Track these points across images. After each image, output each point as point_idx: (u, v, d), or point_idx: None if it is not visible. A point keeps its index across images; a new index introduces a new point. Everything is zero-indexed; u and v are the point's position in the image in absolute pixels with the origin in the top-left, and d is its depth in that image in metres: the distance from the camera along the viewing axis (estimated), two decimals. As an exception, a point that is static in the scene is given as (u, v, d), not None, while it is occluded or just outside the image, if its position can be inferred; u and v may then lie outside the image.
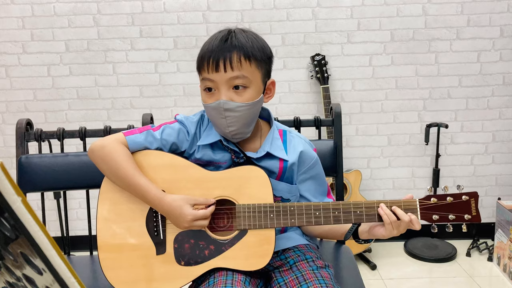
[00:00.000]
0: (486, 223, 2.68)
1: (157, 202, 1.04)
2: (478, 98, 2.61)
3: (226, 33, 1.08)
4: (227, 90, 1.04)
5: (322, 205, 1.05)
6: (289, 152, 1.15)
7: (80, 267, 1.41)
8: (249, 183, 1.07)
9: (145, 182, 1.05)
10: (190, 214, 1.02)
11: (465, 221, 1.05)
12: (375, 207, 1.04)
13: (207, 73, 1.05)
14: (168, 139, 1.12)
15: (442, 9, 2.52)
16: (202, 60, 1.06)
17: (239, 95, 1.05)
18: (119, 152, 1.07)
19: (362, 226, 1.08)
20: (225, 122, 1.06)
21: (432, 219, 1.05)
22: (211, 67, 1.04)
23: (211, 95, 1.06)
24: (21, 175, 1.40)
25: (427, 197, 1.05)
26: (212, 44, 1.06)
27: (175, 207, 1.03)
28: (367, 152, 2.68)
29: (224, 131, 1.08)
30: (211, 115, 1.08)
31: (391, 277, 2.35)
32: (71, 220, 2.66)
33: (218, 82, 1.04)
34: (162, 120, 2.63)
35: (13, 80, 2.58)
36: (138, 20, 2.53)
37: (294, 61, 2.58)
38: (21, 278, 0.48)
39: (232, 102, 1.04)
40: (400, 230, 1.03)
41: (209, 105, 1.06)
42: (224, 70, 1.03)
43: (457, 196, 1.05)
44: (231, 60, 1.03)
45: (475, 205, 1.05)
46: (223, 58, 1.03)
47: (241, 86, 1.05)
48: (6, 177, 0.39)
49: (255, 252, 1.04)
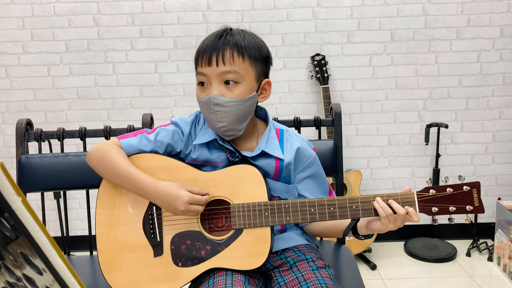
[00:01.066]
0: (486, 223, 2.68)
1: (151, 189, 1.04)
2: (478, 98, 2.62)
3: (223, 30, 1.10)
4: (218, 84, 1.06)
5: (317, 202, 1.04)
6: (286, 151, 1.15)
7: (80, 267, 1.41)
8: (244, 182, 1.07)
9: (138, 172, 1.06)
10: (187, 195, 1.02)
11: (467, 212, 0.99)
12: (371, 201, 1.01)
13: (200, 67, 1.07)
14: (163, 141, 1.13)
15: (442, 9, 2.52)
16: (197, 55, 1.09)
17: (229, 91, 1.06)
18: (113, 151, 1.09)
19: (361, 221, 1.07)
20: (215, 117, 1.06)
21: (432, 212, 1.00)
22: (204, 61, 1.06)
23: (204, 89, 1.08)
24: (21, 175, 1.40)
25: (425, 189, 1.01)
26: (208, 40, 1.08)
27: (171, 190, 1.03)
28: (367, 152, 2.68)
29: (214, 127, 1.09)
30: (202, 109, 1.10)
31: (391, 277, 2.35)
32: (71, 220, 2.66)
33: (210, 76, 1.06)
34: (162, 120, 2.64)
35: (13, 80, 2.58)
36: (138, 20, 2.53)
37: (294, 61, 2.58)
38: (21, 278, 0.48)
39: (221, 97, 1.04)
40: (397, 224, 1.00)
41: (200, 99, 1.08)
42: (216, 64, 1.04)
43: (457, 187, 1.00)
44: (224, 55, 1.05)
45: (477, 195, 0.99)
46: (215, 53, 1.05)
47: (232, 81, 1.05)
48: (6, 177, 0.39)
49: (251, 251, 1.04)
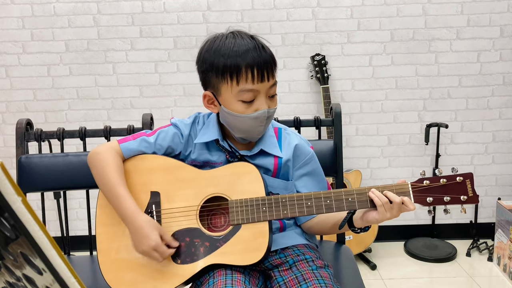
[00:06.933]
0: (486, 223, 2.68)
1: (130, 215, 1.04)
2: (478, 98, 2.62)
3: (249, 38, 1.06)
4: (266, 98, 1.06)
5: (313, 195, 1.05)
6: (284, 149, 1.16)
7: (80, 267, 1.41)
8: (241, 179, 1.08)
9: (126, 194, 1.06)
10: (155, 241, 1.01)
11: (462, 202, 1.02)
12: (366, 193, 1.02)
13: (251, 84, 1.03)
14: (163, 144, 1.14)
15: (442, 9, 2.52)
16: (239, 69, 1.02)
17: (272, 101, 1.08)
18: (110, 160, 1.09)
19: (356, 214, 1.07)
20: (262, 129, 1.09)
21: (427, 202, 1.02)
22: (256, 77, 1.03)
23: (249, 105, 1.05)
24: (21, 175, 1.40)
25: (419, 180, 1.03)
26: (245, 52, 1.03)
27: (145, 226, 1.03)
28: (367, 152, 2.68)
29: (254, 137, 1.12)
30: (247, 124, 1.07)
31: (391, 277, 2.35)
32: (71, 220, 2.66)
33: (260, 91, 1.05)
34: (162, 120, 2.64)
35: (13, 80, 2.58)
36: (138, 20, 2.53)
37: (294, 61, 2.58)
38: (21, 278, 0.48)
39: (271, 110, 1.07)
40: (393, 213, 1.00)
41: (248, 115, 1.05)
42: (268, 79, 1.04)
43: (451, 178, 1.03)
44: (272, 69, 1.06)
45: (471, 186, 1.02)
46: (266, 68, 1.04)
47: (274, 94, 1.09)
48: (6, 177, 0.39)
49: (250, 246, 1.05)
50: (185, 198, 1.10)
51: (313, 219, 1.19)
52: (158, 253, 1.02)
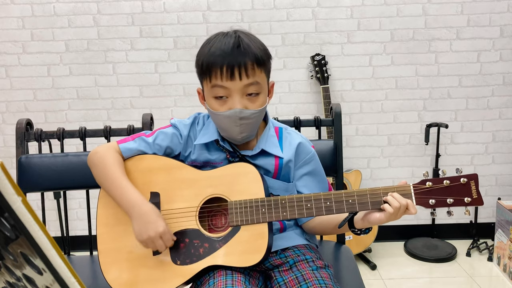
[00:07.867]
0: (486, 223, 2.68)
1: (136, 202, 1.04)
2: (478, 98, 2.61)
3: (235, 37, 1.05)
4: (241, 97, 1.04)
5: (313, 196, 1.04)
6: (285, 149, 1.15)
7: (80, 267, 1.41)
8: (240, 179, 1.08)
9: (129, 185, 1.07)
10: (163, 227, 1.02)
11: (466, 204, 0.98)
12: (367, 195, 1.01)
13: (220, 81, 1.03)
14: (162, 144, 1.14)
15: (442, 9, 2.52)
16: (211, 66, 1.03)
17: (252, 102, 1.05)
18: (110, 157, 1.10)
19: (357, 215, 1.06)
20: (238, 130, 1.06)
21: (429, 204, 1.00)
22: (225, 75, 1.02)
23: (223, 102, 1.05)
24: (21, 175, 1.40)
25: (422, 182, 1.01)
26: (221, 49, 1.03)
27: (153, 214, 1.03)
28: (367, 152, 2.68)
29: (235, 138, 1.08)
30: (223, 122, 1.07)
31: (391, 277, 2.35)
32: (71, 220, 2.66)
33: (232, 89, 1.03)
34: (162, 120, 2.64)
35: (13, 80, 2.58)
36: (138, 20, 2.53)
37: (294, 61, 2.58)
38: (21, 278, 0.48)
39: (247, 110, 1.04)
40: (397, 216, 0.99)
41: (221, 113, 1.05)
42: (240, 78, 1.02)
43: (454, 179, 1.00)
44: (246, 68, 1.02)
45: (475, 187, 0.98)
46: (237, 66, 1.01)
47: (254, 93, 1.05)
48: (6, 177, 0.39)
49: (249, 247, 1.04)
50: (184, 199, 1.10)
51: (314, 220, 1.18)
52: (162, 240, 1.02)
